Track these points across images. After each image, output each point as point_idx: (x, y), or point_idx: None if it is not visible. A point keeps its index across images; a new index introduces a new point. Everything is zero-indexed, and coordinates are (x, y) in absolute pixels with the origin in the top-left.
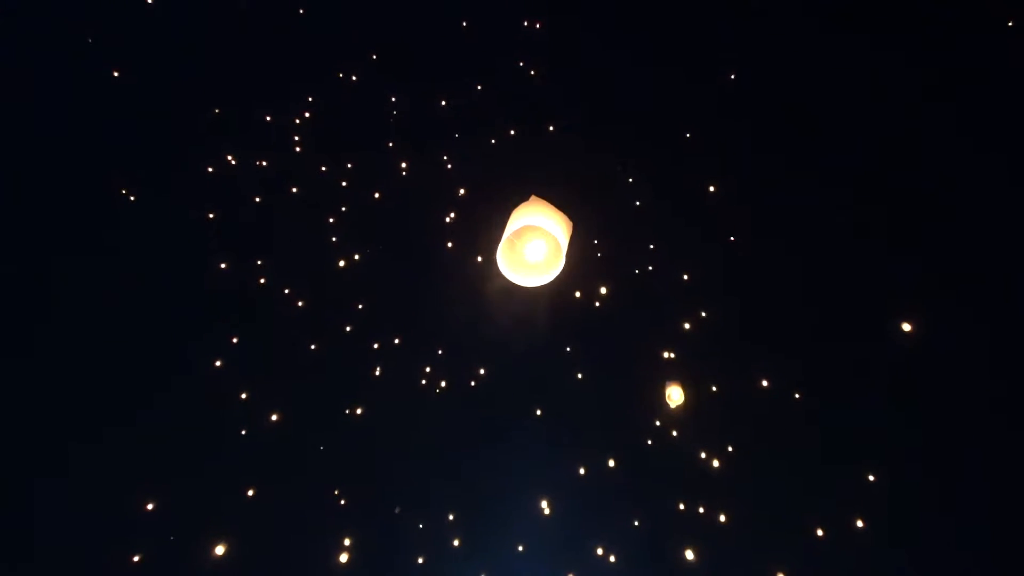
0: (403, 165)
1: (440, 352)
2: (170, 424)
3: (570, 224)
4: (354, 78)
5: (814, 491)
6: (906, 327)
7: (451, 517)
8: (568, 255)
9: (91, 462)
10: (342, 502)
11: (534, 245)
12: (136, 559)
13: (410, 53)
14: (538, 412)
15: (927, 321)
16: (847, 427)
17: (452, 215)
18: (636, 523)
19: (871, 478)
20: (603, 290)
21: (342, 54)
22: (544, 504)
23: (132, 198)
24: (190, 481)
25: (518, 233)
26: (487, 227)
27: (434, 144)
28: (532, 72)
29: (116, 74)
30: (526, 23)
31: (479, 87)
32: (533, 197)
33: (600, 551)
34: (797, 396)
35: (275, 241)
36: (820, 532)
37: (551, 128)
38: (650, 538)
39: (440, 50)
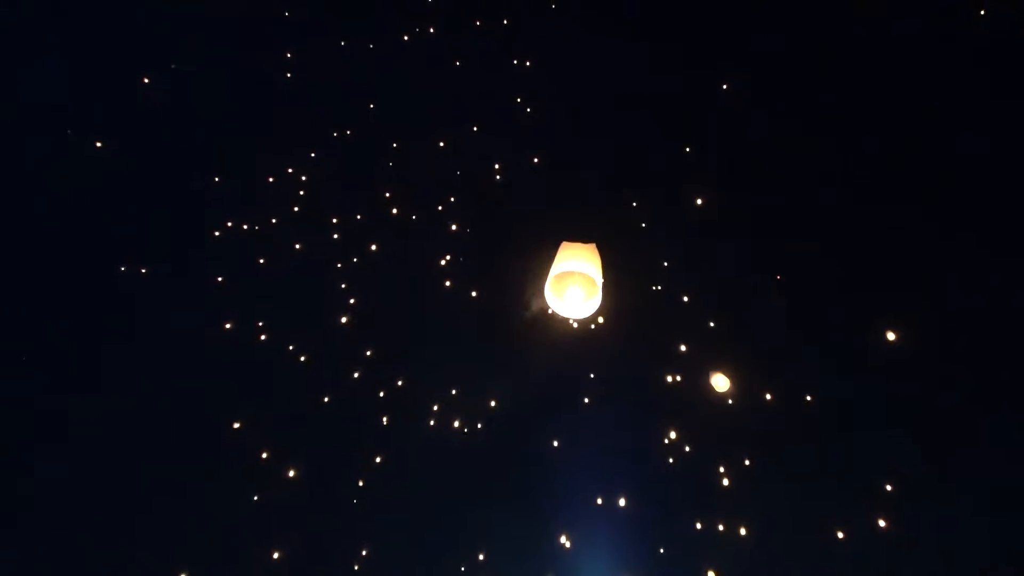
0: (394, 211)
1: (453, 392)
2: (191, 494)
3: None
4: (348, 132)
5: (831, 497)
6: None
7: (481, 557)
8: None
9: (116, 535)
10: (362, 552)
11: (574, 290)
12: None
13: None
14: (555, 443)
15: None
16: (859, 433)
17: (448, 257)
18: (661, 550)
19: (887, 483)
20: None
21: (336, 110)
22: (564, 538)
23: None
24: (217, 549)
25: (560, 277)
26: (484, 264)
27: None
28: (521, 102)
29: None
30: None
31: (473, 128)
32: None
33: None
34: (808, 401)
35: (277, 298)
36: (840, 535)
37: (538, 160)
38: (673, 562)
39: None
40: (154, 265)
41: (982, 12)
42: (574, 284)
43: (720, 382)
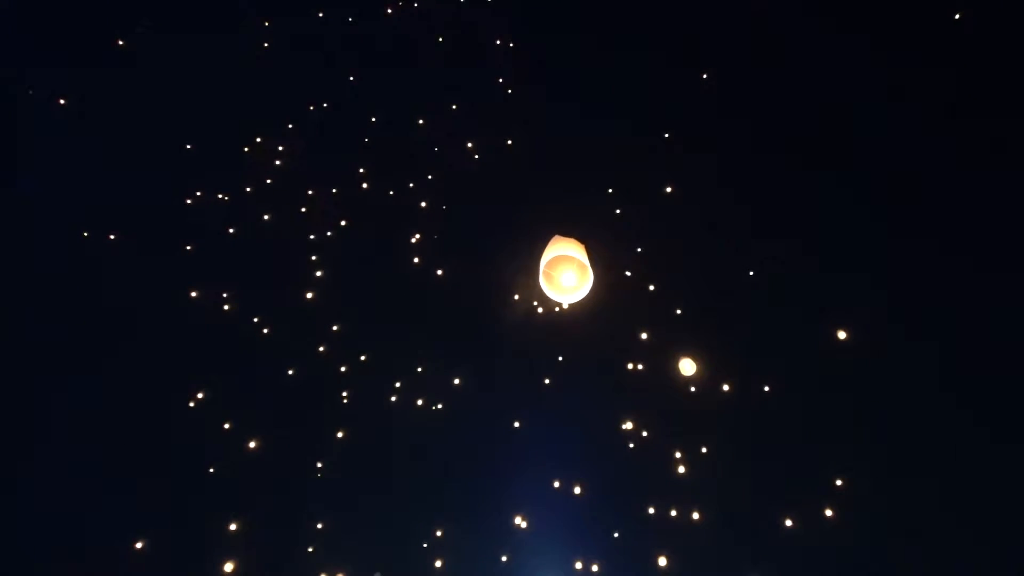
0: (364, 186)
1: (419, 369)
2: (150, 458)
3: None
4: (325, 105)
5: (782, 487)
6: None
7: (439, 533)
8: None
9: (74, 504)
10: (319, 526)
11: (568, 274)
12: None
13: (387, 74)
14: (516, 424)
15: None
16: (813, 427)
17: (417, 236)
18: (616, 534)
19: (838, 475)
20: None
21: (319, 82)
22: (520, 519)
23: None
24: (175, 515)
25: (552, 263)
26: (454, 242)
27: (399, 165)
28: (502, 83)
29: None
30: (499, 41)
31: (453, 106)
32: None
33: (580, 564)
34: (765, 391)
35: (246, 270)
36: (789, 523)
37: (510, 142)
38: (626, 546)
39: (418, 69)
40: (120, 230)
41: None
42: (568, 270)
43: (687, 366)
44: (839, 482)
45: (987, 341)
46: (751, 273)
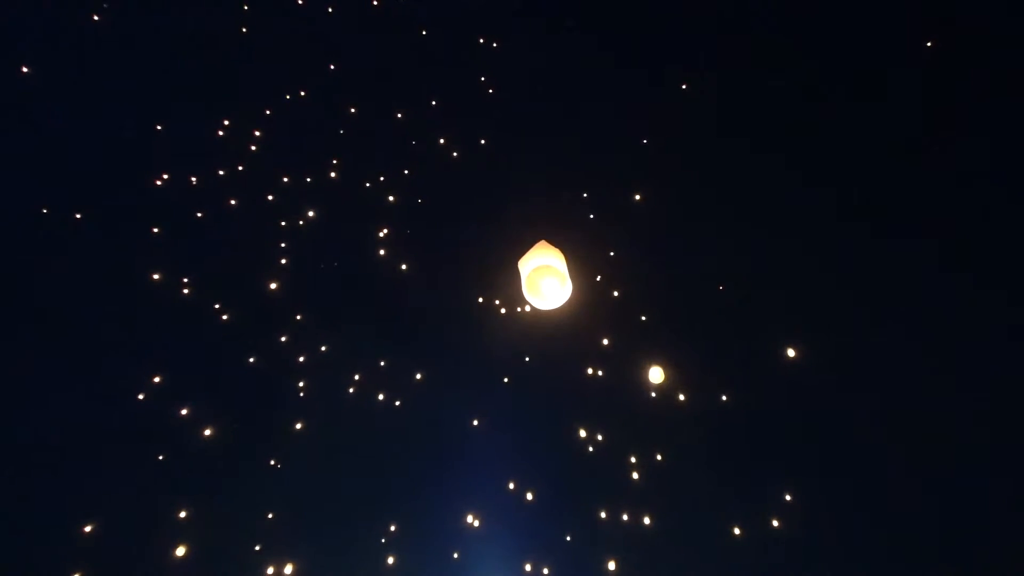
0: (337, 176)
1: (381, 364)
2: (104, 441)
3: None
4: (302, 93)
5: (733, 496)
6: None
7: (392, 528)
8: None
9: (29, 484)
10: (270, 516)
11: (549, 282)
12: None
13: (368, 65)
14: (475, 423)
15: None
16: (766, 439)
17: (385, 231)
18: (568, 538)
19: (785, 486)
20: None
21: (298, 69)
22: (473, 519)
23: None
24: (125, 500)
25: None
26: (423, 238)
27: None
28: (484, 82)
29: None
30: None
31: (432, 102)
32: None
33: (529, 567)
34: (724, 402)
35: (209, 255)
36: (737, 531)
37: (486, 141)
38: (577, 550)
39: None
40: (87, 209)
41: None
42: (549, 276)
43: (655, 374)
44: (787, 496)
45: (947, 352)
46: (720, 288)
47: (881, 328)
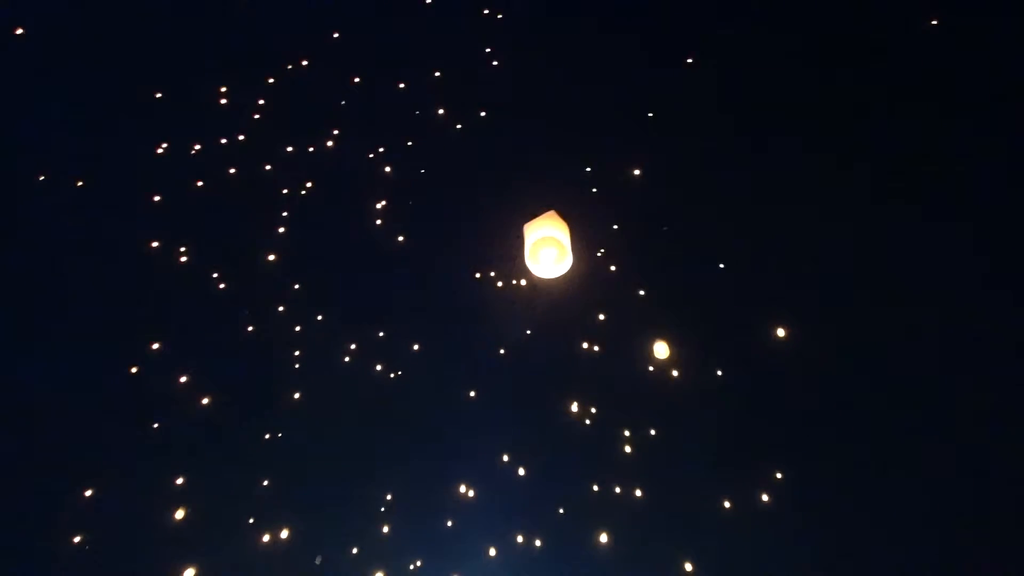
0: (335, 146)
1: (380, 334)
2: (99, 408)
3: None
4: (305, 63)
5: (723, 470)
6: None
7: (389, 497)
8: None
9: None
10: (265, 483)
11: (548, 251)
12: (76, 540)
13: (365, 40)
14: (471, 394)
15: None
16: (757, 416)
17: (383, 202)
18: (560, 510)
19: (776, 463)
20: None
21: (301, 39)
22: (468, 488)
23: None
24: (123, 469)
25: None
26: (420, 209)
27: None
28: (490, 58)
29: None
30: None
31: (436, 73)
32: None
33: (521, 538)
34: (719, 377)
35: (208, 223)
36: (727, 504)
37: (486, 113)
38: (568, 521)
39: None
40: (89, 177)
41: None
42: (548, 246)
43: (660, 349)
44: (778, 473)
45: (934, 341)
46: (721, 266)
47: (880, 311)
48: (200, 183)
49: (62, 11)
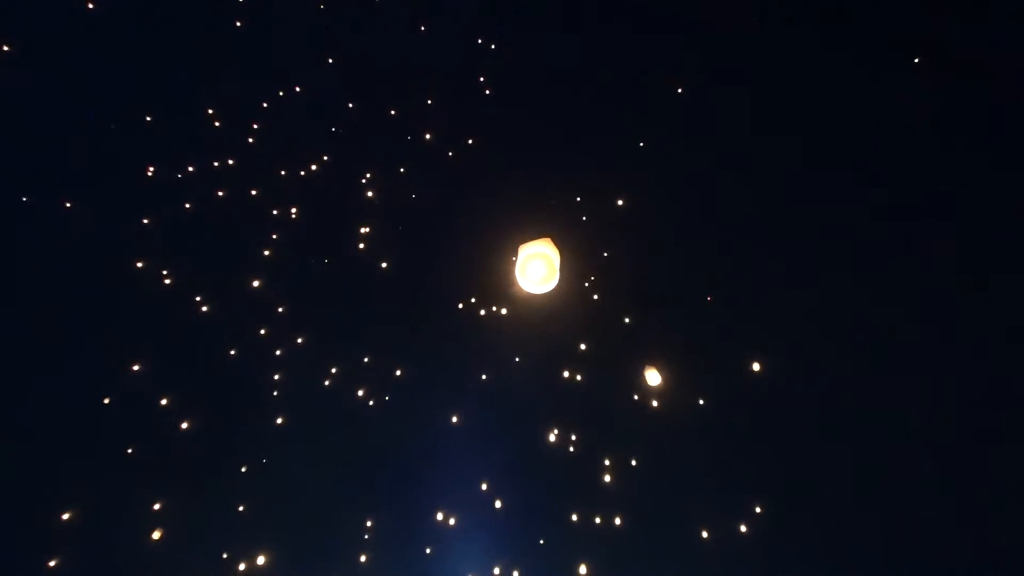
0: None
1: (366, 360)
2: (80, 431)
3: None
4: (297, 88)
5: (702, 500)
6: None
7: (369, 524)
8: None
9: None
10: (241, 509)
11: (535, 266)
12: (52, 564)
13: (357, 65)
14: (453, 420)
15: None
16: (738, 445)
17: (369, 228)
18: (541, 541)
19: (755, 492)
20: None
21: (292, 63)
22: (446, 516)
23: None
24: (104, 488)
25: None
26: (406, 235)
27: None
28: (482, 87)
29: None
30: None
31: (428, 100)
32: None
33: (498, 570)
34: (700, 406)
35: (192, 245)
36: (705, 535)
37: (473, 141)
38: (549, 551)
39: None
40: (75, 199)
41: None
42: (536, 261)
43: (652, 377)
44: (757, 502)
45: (928, 356)
46: (708, 299)
47: (863, 334)
48: (187, 205)
49: (56, 29)
